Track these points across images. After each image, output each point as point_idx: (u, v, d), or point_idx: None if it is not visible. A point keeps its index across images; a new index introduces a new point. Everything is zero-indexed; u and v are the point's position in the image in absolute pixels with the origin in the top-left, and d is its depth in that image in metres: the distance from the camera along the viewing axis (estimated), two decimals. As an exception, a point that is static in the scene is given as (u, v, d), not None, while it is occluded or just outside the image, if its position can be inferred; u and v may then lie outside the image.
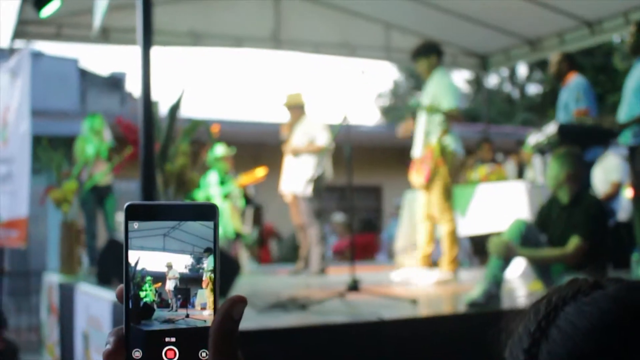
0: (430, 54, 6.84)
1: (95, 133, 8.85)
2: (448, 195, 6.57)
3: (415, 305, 4.56)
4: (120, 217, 9.75)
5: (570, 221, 4.90)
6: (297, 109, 7.81)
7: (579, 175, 5.12)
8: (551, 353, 0.91)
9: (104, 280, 5.76)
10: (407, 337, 3.94)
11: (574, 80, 7.07)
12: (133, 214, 0.76)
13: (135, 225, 0.76)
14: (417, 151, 6.75)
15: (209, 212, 0.76)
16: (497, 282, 4.66)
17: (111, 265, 5.83)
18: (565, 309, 0.94)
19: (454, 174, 6.71)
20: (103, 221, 9.19)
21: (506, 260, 4.72)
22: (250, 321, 3.83)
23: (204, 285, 0.76)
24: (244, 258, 8.94)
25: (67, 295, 6.25)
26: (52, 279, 7.27)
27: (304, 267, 7.81)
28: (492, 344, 1.02)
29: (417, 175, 6.66)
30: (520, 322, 0.98)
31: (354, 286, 5.03)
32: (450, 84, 6.69)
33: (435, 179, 6.51)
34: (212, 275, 0.76)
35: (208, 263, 0.76)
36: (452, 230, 6.62)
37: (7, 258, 10.61)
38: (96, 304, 5.08)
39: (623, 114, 6.20)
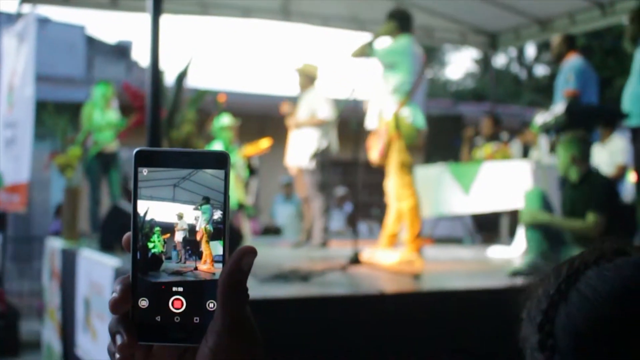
0: (390, 19, 6.44)
1: (105, 100, 8.88)
2: (406, 171, 6.12)
3: (417, 280, 4.57)
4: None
5: (580, 197, 4.95)
6: (307, 79, 7.76)
7: (585, 156, 5.16)
8: (569, 315, 0.90)
9: (106, 246, 5.77)
10: (408, 311, 3.95)
11: (570, 61, 7.05)
12: (142, 160, 0.75)
13: (144, 171, 0.75)
14: (371, 123, 6.32)
15: (220, 159, 0.75)
16: (542, 253, 4.66)
17: (114, 232, 5.84)
18: (586, 272, 0.93)
19: (415, 147, 6.27)
20: (107, 188, 9.21)
21: (538, 228, 4.76)
22: (251, 291, 3.83)
23: (198, 237, 0.75)
24: (247, 229, 8.95)
25: (69, 261, 6.26)
26: (55, 244, 7.28)
27: (306, 239, 7.81)
28: (511, 307, 1.02)
29: (372, 151, 6.29)
30: (541, 285, 0.98)
31: (355, 259, 5.04)
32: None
33: (391, 155, 6.12)
34: (209, 226, 0.75)
35: (204, 213, 0.75)
36: (413, 206, 6.13)
37: (10, 223, 10.64)
38: (98, 269, 5.08)
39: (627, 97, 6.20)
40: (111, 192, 9.14)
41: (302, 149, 7.59)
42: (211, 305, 0.74)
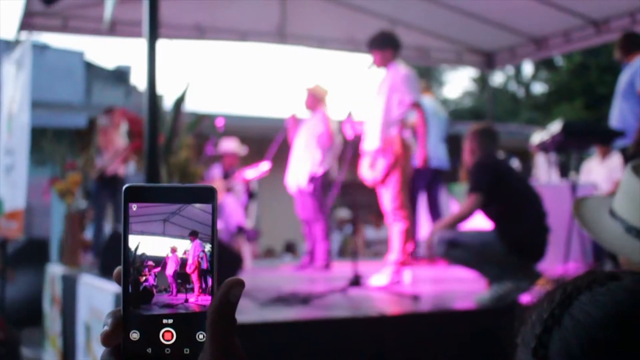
0: (385, 46, 6.38)
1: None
2: (406, 191, 6.13)
3: (416, 302, 4.57)
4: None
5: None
6: (315, 100, 7.74)
7: (483, 148, 5.27)
8: (562, 340, 0.91)
9: (106, 272, 5.77)
10: (408, 333, 3.95)
11: None
12: (132, 195, 0.77)
13: (134, 207, 0.77)
14: (369, 143, 6.25)
15: (207, 194, 0.77)
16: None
17: (114, 257, 5.84)
18: (579, 297, 0.94)
19: (409, 169, 6.30)
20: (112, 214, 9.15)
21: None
22: (251, 314, 3.84)
23: (189, 270, 0.77)
24: (246, 252, 8.94)
25: (69, 287, 6.26)
26: (55, 270, 7.28)
27: (308, 262, 7.79)
28: (504, 331, 1.03)
29: (370, 170, 6.21)
30: (535, 310, 0.99)
31: (356, 282, 5.04)
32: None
33: (394, 174, 6.06)
34: (199, 260, 0.77)
35: (193, 247, 0.77)
36: (408, 227, 6.11)
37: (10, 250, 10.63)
38: (98, 295, 5.08)
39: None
40: (116, 218, 9.08)
41: (304, 170, 7.57)
42: (201, 336, 0.75)
